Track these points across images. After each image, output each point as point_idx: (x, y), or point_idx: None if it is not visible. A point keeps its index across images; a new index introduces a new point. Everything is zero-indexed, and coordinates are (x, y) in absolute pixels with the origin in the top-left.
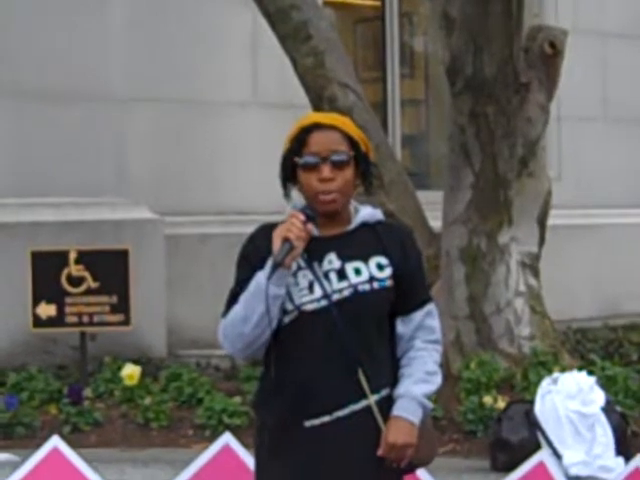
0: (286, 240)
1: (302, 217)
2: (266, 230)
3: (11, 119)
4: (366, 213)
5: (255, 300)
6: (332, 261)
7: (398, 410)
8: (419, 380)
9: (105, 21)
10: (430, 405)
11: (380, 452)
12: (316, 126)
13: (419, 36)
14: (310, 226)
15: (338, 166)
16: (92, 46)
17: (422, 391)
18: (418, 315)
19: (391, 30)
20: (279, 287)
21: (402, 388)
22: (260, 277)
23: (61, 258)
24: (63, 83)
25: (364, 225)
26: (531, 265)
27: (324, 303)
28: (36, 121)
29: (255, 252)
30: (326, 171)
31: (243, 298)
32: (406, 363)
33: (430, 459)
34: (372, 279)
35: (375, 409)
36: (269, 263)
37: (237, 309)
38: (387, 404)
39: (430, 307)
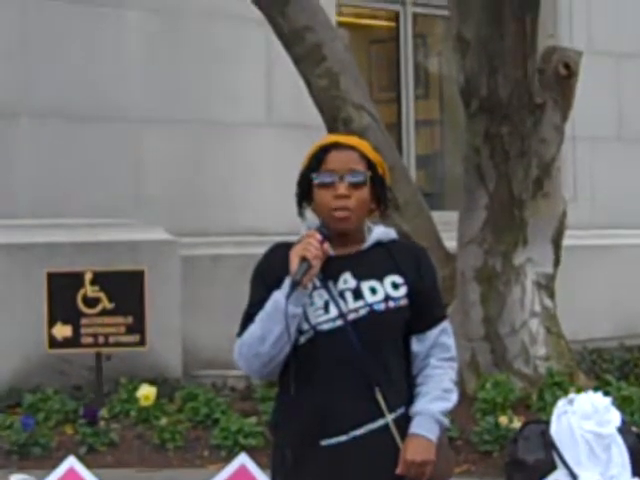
0: (304, 259)
1: (319, 236)
2: (280, 249)
3: (28, 140)
4: (380, 232)
5: (272, 320)
6: (347, 280)
7: (416, 428)
8: (436, 398)
9: (122, 42)
10: (447, 422)
11: (399, 470)
12: (335, 145)
13: (433, 57)
14: (327, 245)
15: (354, 185)
16: (109, 67)
17: (439, 409)
18: (433, 333)
19: (405, 51)
20: (297, 307)
21: (419, 406)
22: (277, 296)
23: (77, 279)
24: (79, 104)
25: (378, 244)
26: (546, 285)
27: (340, 323)
28: (53, 141)
29: (270, 271)
30: (342, 188)
31: (260, 318)
32: (422, 381)
33: (448, 476)
34: (388, 298)
35: (393, 427)
36: (287, 282)
37: (253, 329)
38: (404, 422)
39: (445, 325)
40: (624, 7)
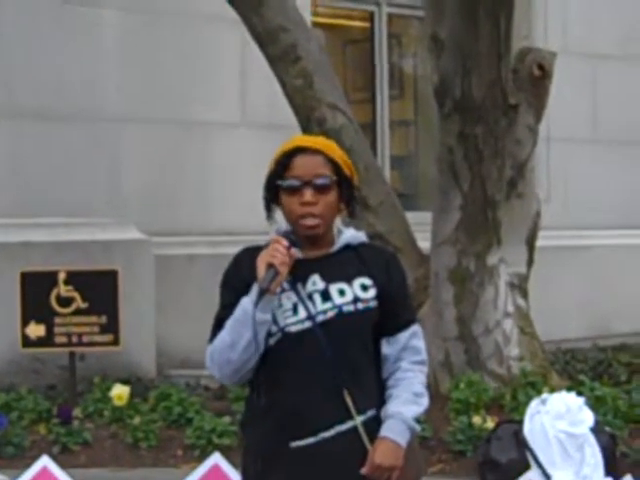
0: (270, 266)
1: (285, 242)
2: (249, 253)
3: (2, 139)
4: (349, 235)
5: (241, 326)
6: (316, 282)
7: (386, 431)
8: (407, 401)
9: (98, 42)
10: (418, 428)
11: (364, 470)
12: (299, 150)
13: (408, 57)
14: (293, 251)
15: (320, 190)
16: (84, 67)
17: (410, 413)
18: (404, 336)
19: (380, 51)
20: (265, 313)
21: (390, 409)
22: (245, 303)
23: (50, 278)
24: (55, 104)
25: (347, 247)
26: (520, 286)
27: (308, 324)
28: (28, 141)
29: (238, 277)
30: (308, 195)
31: (229, 324)
32: (393, 384)
33: (416, 478)
34: (356, 300)
35: (361, 429)
36: (254, 289)
37: (223, 335)
38: (373, 425)
39: (415, 328)
40: (599, 8)
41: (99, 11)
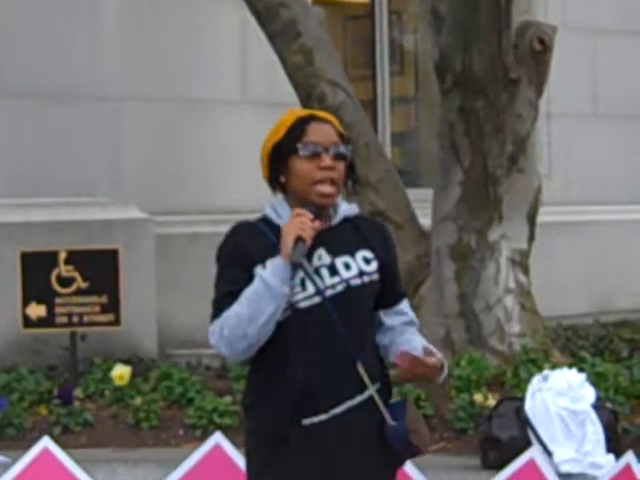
0: (299, 239)
1: (310, 215)
2: (247, 227)
3: (2, 119)
4: (346, 208)
5: (263, 301)
6: (322, 257)
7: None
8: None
9: (97, 21)
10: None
11: (433, 360)
12: (313, 118)
13: (409, 33)
14: (317, 223)
15: (337, 158)
16: (83, 46)
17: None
18: (402, 306)
19: (380, 28)
20: (287, 286)
21: (415, 340)
22: (267, 277)
23: (51, 258)
24: (54, 83)
25: (346, 220)
26: (521, 262)
27: (317, 299)
28: (28, 121)
29: (240, 250)
30: (328, 159)
31: (247, 298)
32: (407, 338)
33: (428, 446)
34: (362, 273)
35: (377, 397)
36: (277, 262)
37: (239, 310)
38: (383, 396)
39: (407, 299)
40: None
41: None
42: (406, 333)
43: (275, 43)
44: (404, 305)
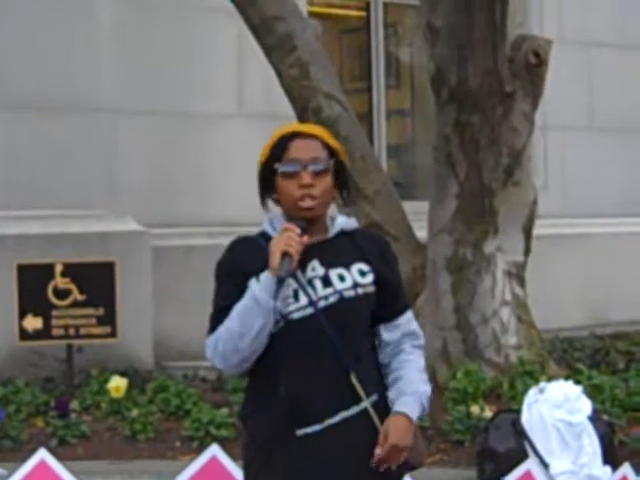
0: (285, 254)
1: (297, 230)
2: (245, 242)
3: None
4: (343, 221)
5: (252, 315)
6: (315, 268)
7: (401, 406)
8: (418, 381)
9: (93, 34)
10: (427, 407)
11: (379, 451)
12: (296, 134)
13: (404, 46)
14: (305, 238)
15: (318, 173)
16: (80, 58)
17: (425, 390)
18: (403, 320)
19: (376, 41)
20: (279, 300)
21: (405, 387)
22: (256, 292)
23: (47, 271)
24: (51, 95)
25: (342, 233)
26: (517, 274)
27: (310, 310)
28: (24, 133)
29: (236, 265)
30: (306, 177)
31: (237, 313)
32: (398, 367)
33: (424, 459)
34: (356, 285)
35: (371, 410)
36: (264, 277)
37: (230, 325)
38: (377, 409)
39: (411, 313)
40: None
41: (95, 2)
42: (399, 370)
43: (271, 56)
44: (406, 318)
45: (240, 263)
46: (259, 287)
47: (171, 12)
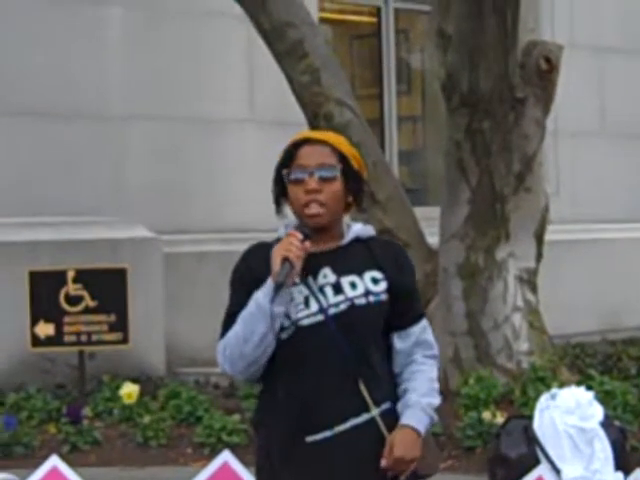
0: (286, 260)
1: (300, 236)
2: (260, 249)
3: (9, 138)
4: (359, 229)
5: (255, 321)
6: (327, 275)
7: (407, 419)
8: (426, 393)
9: (102, 39)
10: (436, 417)
11: (384, 463)
12: (306, 141)
13: (415, 52)
14: (308, 244)
15: (325, 179)
16: (89, 65)
17: (430, 402)
18: (416, 329)
19: (387, 47)
20: (280, 305)
21: (411, 399)
22: (259, 297)
23: (59, 277)
24: (60, 102)
25: (357, 240)
26: (529, 280)
27: (320, 317)
28: (34, 140)
29: (249, 273)
30: (312, 183)
31: (242, 319)
32: (409, 377)
33: (436, 469)
34: (368, 293)
35: (379, 420)
36: (268, 283)
37: (237, 330)
38: (388, 418)
39: (425, 322)
40: (606, 1)
41: (104, 8)
42: (410, 381)
43: (282, 63)
44: (420, 327)
45: (253, 270)
46: (261, 293)
47: (181, 18)
